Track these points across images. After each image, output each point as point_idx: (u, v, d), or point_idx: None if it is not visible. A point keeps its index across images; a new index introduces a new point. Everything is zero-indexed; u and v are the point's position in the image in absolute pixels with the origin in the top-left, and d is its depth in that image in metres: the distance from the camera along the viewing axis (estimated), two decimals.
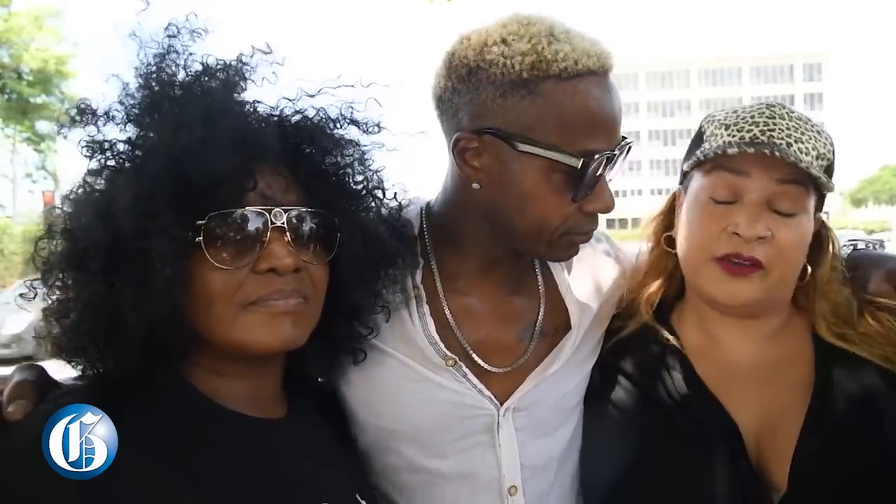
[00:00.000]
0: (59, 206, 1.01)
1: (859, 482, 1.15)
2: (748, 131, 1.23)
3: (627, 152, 1.26)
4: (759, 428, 1.25)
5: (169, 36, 1.04)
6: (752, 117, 1.25)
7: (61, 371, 1.02)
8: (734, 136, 1.24)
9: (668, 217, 1.44)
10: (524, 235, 1.24)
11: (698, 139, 1.34)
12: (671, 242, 1.40)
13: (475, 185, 1.23)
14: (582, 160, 1.14)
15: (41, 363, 1.03)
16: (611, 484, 1.31)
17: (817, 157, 1.23)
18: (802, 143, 1.22)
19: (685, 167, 1.34)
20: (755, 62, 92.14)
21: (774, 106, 1.27)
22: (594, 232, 1.56)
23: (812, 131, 1.24)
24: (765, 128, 1.23)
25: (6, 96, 22.82)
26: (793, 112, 1.26)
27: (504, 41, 1.16)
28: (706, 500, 1.21)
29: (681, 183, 1.40)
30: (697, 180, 1.30)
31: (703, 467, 1.22)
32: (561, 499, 1.38)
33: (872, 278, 1.30)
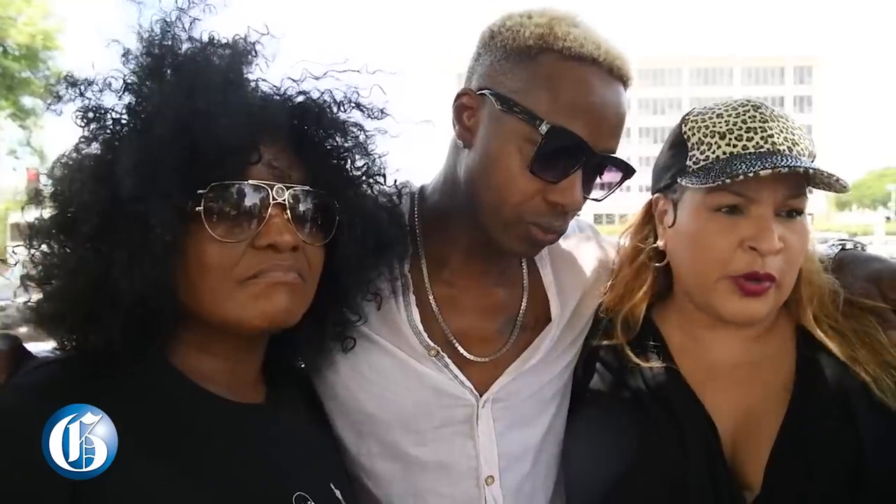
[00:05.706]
0: (49, 171, 0.99)
1: (833, 484, 1.15)
2: (749, 139, 1.19)
3: (619, 172, 1.24)
4: (737, 427, 1.25)
5: (180, 9, 1.02)
6: (745, 122, 1.21)
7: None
8: (734, 146, 1.19)
9: (646, 227, 1.40)
10: (485, 207, 1.22)
11: (681, 145, 1.28)
12: (656, 254, 1.35)
13: (461, 145, 1.25)
14: (548, 129, 1.13)
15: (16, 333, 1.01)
16: (590, 474, 1.31)
17: (808, 155, 1.22)
18: (798, 144, 1.20)
19: (682, 181, 1.24)
20: (747, 63, 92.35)
21: (759, 106, 1.23)
22: (582, 223, 1.56)
23: (797, 128, 1.23)
24: (764, 134, 1.19)
25: None
26: (774, 110, 1.24)
27: (528, 15, 1.21)
28: (680, 493, 1.21)
29: (661, 189, 1.34)
30: (696, 191, 1.23)
31: (677, 461, 1.23)
32: (537, 487, 1.39)
33: (857, 278, 1.30)
